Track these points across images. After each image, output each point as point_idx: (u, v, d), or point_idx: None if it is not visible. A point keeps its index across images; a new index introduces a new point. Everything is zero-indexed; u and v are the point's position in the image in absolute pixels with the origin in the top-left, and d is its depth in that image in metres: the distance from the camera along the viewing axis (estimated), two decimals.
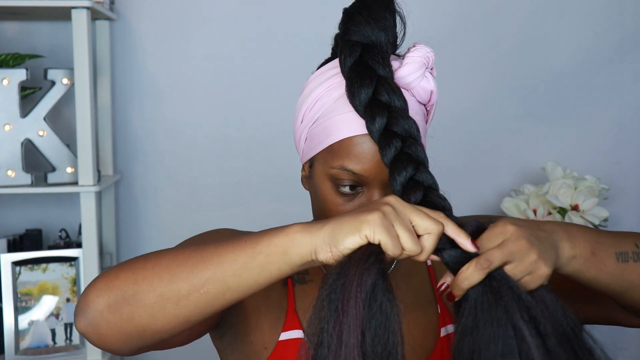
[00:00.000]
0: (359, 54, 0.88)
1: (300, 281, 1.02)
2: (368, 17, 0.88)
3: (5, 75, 1.69)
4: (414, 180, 0.82)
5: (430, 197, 0.81)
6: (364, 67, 0.87)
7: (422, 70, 0.89)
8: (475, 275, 0.75)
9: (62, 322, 1.76)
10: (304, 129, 0.94)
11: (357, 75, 0.87)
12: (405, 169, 0.82)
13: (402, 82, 0.89)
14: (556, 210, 1.83)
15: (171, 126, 1.99)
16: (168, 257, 0.80)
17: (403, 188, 0.82)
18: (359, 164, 0.87)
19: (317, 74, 0.94)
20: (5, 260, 1.73)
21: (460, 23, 1.99)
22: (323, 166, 0.91)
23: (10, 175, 1.71)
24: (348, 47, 0.88)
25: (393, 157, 0.83)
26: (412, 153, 0.83)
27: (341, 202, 0.90)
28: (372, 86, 0.86)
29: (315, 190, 0.94)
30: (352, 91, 0.87)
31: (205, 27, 1.97)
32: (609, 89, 2.07)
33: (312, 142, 0.93)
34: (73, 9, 1.65)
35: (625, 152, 2.09)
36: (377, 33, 0.88)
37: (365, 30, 0.88)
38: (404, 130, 0.84)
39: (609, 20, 2.05)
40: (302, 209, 1.38)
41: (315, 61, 2.22)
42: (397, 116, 0.84)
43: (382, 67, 0.86)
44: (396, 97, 0.85)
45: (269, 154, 2.01)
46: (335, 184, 0.90)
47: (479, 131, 2.04)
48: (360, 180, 0.88)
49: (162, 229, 2.01)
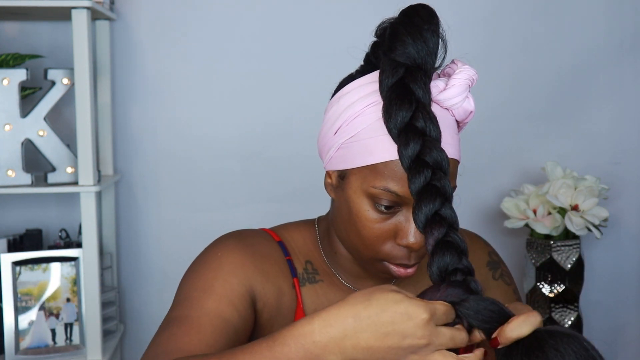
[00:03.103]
0: (402, 75, 0.86)
1: (310, 280, 1.02)
2: (415, 38, 0.86)
3: (5, 75, 1.69)
4: (439, 215, 0.82)
5: (452, 237, 0.81)
6: (405, 89, 0.85)
7: (466, 93, 0.89)
8: (526, 327, 0.76)
9: (62, 322, 1.76)
10: (337, 140, 0.93)
11: (397, 97, 0.85)
12: (433, 201, 0.82)
13: (445, 103, 0.89)
14: (556, 210, 1.84)
15: (171, 126, 1.99)
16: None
17: (427, 220, 0.82)
18: (403, 187, 0.87)
19: (357, 87, 0.92)
20: (5, 260, 1.73)
21: (459, 24, 1.99)
22: (362, 183, 0.90)
23: (10, 175, 1.71)
24: (391, 67, 0.87)
25: (421, 187, 0.83)
26: (440, 187, 0.83)
27: (376, 219, 0.91)
28: (411, 111, 0.84)
29: (348, 203, 0.93)
30: (389, 112, 0.85)
31: (205, 27, 1.97)
32: (609, 89, 2.07)
33: (348, 155, 0.92)
34: (73, 9, 1.65)
35: (625, 152, 2.09)
36: (422, 56, 0.86)
37: (411, 52, 0.86)
38: (435, 162, 0.83)
39: (609, 20, 2.05)
40: (302, 209, 1.38)
41: (316, 61, 2.23)
42: (430, 146, 0.83)
43: (422, 92, 0.85)
44: (432, 126, 0.84)
45: (269, 154, 2.01)
46: (373, 201, 0.90)
47: (478, 131, 2.03)
48: (401, 201, 0.89)
49: (162, 229, 2.01)
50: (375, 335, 0.74)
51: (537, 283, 1.88)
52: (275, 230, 1.06)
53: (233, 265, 0.96)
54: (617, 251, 2.11)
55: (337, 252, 1.02)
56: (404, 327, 0.73)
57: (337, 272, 1.03)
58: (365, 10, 1.96)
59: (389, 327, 0.73)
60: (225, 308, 0.92)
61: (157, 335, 0.91)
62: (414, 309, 0.74)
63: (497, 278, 1.09)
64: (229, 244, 1.00)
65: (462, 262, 0.81)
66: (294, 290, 1.00)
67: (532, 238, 1.90)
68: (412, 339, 0.74)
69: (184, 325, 0.90)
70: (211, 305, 0.92)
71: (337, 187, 0.96)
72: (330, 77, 1.00)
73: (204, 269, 0.97)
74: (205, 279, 0.95)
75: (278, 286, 0.99)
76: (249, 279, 0.97)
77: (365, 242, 0.93)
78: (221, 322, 0.90)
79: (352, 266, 1.02)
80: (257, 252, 1.00)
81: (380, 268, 0.95)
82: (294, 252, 1.04)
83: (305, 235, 1.06)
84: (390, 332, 0.74)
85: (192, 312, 0.91)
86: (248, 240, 1.01)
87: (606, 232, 2.04)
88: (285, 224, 1.08)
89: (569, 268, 1.86)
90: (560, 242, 1.85)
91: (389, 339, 0.74)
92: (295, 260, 1.03)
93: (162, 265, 2.01)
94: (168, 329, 0.90)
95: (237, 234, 1.03)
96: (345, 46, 1.93)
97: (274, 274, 1.00)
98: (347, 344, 0.74)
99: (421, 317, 0.74)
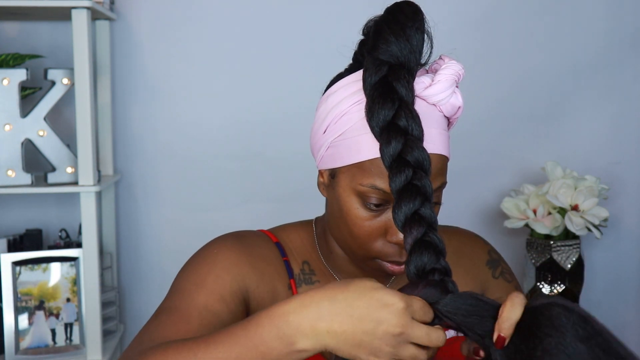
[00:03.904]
0: (385, 73, 0.86)
1: (307, 281, 1.02)
2: (398, 36, 0.86)
3: (5, 75, 1.69)
4: (418, 214, 0.82)
5: (430, 237, 0.81)
6: (387, 87, 0.85)
7: (453, 89, 0.89)
8: (517, 310, 0.75)
9: (62, 322, 1.76)
10: (326, 139, 0.93)
11: (379, 96, 0.85)
12: (413, 201, 0.82)
13: (431, 99, 0.89)
14: (556, 210, 1.84)
15: (171, 126, 1.99)
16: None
17: (406, 219, 0.82)
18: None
19: (343, 85, 0.93)
20: (5, 260, 1.73)
21: (458, 24, 1.99)
22: (350, 181, 0.91)
23: (10, 175, 1.71)
24: (374, 65, 0.86)
25: (402, 186, 0.83)
26: (420, 186, 0.82)
27: (366, 217, 0.91)
28: (393, 109, 0.84)
29: (338, 202, 0.94)
30: (372, 111, 0.85)
31: (205, 27, 1.97)
32: (608, 88, 2.07)
33: (336, 154, 0.92)
34: (73, 9, 1.65)
35: (625, 152, 2.09)
36: (406, 54, 0.86)
37: (394, 50, 0.86)
38: (416, 161, 0.83)
39: (609, 20, 2.05)
40: (301, 209, 1.38)
41: (316, 61, 2.23)
42: (412, 145, 0.83)
43: (405, 90, 0.85)
44: (415, 125, 0.84)
45: (268, 154, 2.01)
46: (362, 199, 0.90)
47: (478, 131, 2.03)
48: (389, 199, 0.89)
49: (162, 228, 2.01)
50: (350, 320, 0.74)
51: (537, 283, 1.88)
52: (273, 232, 1.07)
53: (228, 262, 0.97)
54: (617, 251, 2.11)
55: (333, 251, 1.03)
56: (379, 314, 0.74)
57: (334, 273, 1.04)
58: (366, 9, 1.96)
59: (364, 310, 0.74)
60: (215, 303, 0.93)
61: (147, 323, 0.93)
62: (390, 297, 0.74)
63: (497, 276, 1.09)
64: (227, 243, 1.01)
65: (440, 262, 0.81)
66: (290, 292, 1.00)
67: (532, 238, 1.90)
68: (386, 325, 0.73)
69: (173, 316, 0.91)
70: (201, 299, 0.93)
71: (328, 186, 0.97)
72: (331, 77, 1.00)
73: (199, 263, 0.98)
74: (199, 273, 0.96)
75: (273, 287, 1.00)
76: (243, 277, 0.97)
77: (356, 240, 0.93)
78: (210, 316, 0.91)
79: (348, 266, 1.02)
80: (253, 252, 1.00)
81: (374, 266, 0.95)
82: (291, 253, 1.04)
83: (302, 236, 1.06)
84: (365, 316, 0.74)
85: (182, 303, 0.93)
86: (245, 240, 1.02)
87: (606, 232, 2.04)
88: (283, 225, 1.09)
89: (569, 268, 1.86)
90: (560, 242, 1.85)
91: (364, 324, 0.73)
92: (292, 261, 1.03)
93: (162, 265, 2.01)
94: (158, 318, 0.93)
95: (236, 234, 1.03)
96: (347, 47, 1.93)
97: (269, 275, 1.00)
98: (321, 327, 0.74)
99: (397, 305, 0.74)
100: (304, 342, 0.74)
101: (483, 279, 1.08)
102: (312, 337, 0.74)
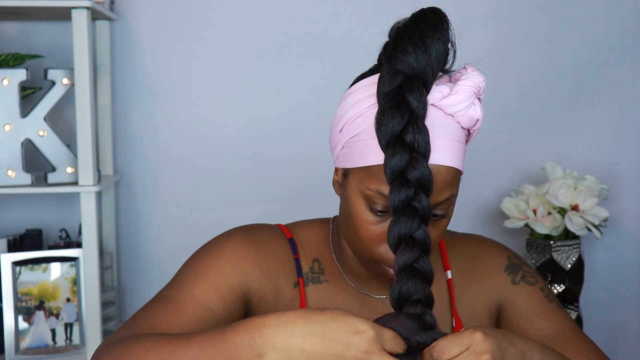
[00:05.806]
0: (399, 83, 0.85)
1: (314, 281, 1.02)
2: (416, 46, 0.85)
3: (5, 75, 1.69)
4: (413, 238, 0.82)
5: (421, 264, 0.81)
6: (400, 98, 0.84)
7: (471, 100, 0.89)
8: (453, 348, 0.77)
9: (62, 322, 1.76)
10: (342, 138, 0.93)
11: (390, 107, 0.84)
12: (411, 222, 0.82)
13: (448, 110, 0.88)
14: (556, 210, 1.84)
15: (171, 126, 1.99)
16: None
17: (400, 241, 0.82)
18: None
19: (362, 86, 0.92)
20: (5, 260, 1.73)
21: (457, 25, 1.99)
22: (358, 183, 0.91)
23: (10, 175, 1.71)
24: (389, 74, 0.85)
25: (400, 205, 0.82)
26: (419, 208, 0.82)
27: (372, 221, 0.91)
28: (402, 123, 0.83)
29: (347, 202, 0.94)
30: (381, 121, 0.84)
31: (205, 27, 1.97)
32: (609, 88, 2.06)
33: (349, 154, 0.92)
34: (73, 9, 1.65)
35: (625, 152, 2.08)
36: (422, 65, 0.85)
37: (411, 60, 0.85)
38: (417, 180, 0.82)
39: (609, 20, 2.04)
40: (303, 209, 1.38)
41: (316, 61, 2.23)
42: (415, 163, 0.82)
43: (417, 103, 0.84)
44: (422, 140, 0.83)
45: (269, 154, 2.01)
46: (369, 203, 0.90)
47: (479, 131, 2.03)
48: None
49: (162, 229, 2.01)
50: (322, 341, 0.75)
51: None
52: (289, 227, 1.07)
53: (233, 257, 0.98)
54: (617, 251, 2.11)
55: (344, 251, 1.03)
56: (350, 338, 0.75)
57: (344, 272, 1.04)
58: (363, 11, 1.96)
59: (336, 333, 0.75)
60: (212, 297, 0.94)
61: (142, 308, 0.94)
62: (362, 325, 0.76)
63: (517, 282, 1.07)
64: (236, 236, 1.01)
65: (425, 291, 0.81)
66: (297, 290, 1.00)
67: (532, 238, 1.90)
68: (355, 350, 0.75)
69: (166, 305, 0.92)
70: (198, 292, 0.94)
71: (341, 184, 0.97)
72: (332, 78, 1.01)
73: (205, 255, 0.99)
74: (201, 265, 0.97)
75: (277, 284, 1.00)
76: (246, 273, 0.98)
77: (362, 242, 0.93)
78: (203, 310, 0.92)
79: (357, 266, 1.02)
80: (261, 248, 1.00)
81: (377, 269, 0.95)
82: (303, 250, 1.04)
83: (318, 233, 1.06)
84: (336, 339, 0.75)
85: (178, 293, 0.94)
86: (257, 234, 1.02)
87: (606, 232, 2.04)
88: (302, 221, 1.09)
89: (569, 268, 1.86)
90: (560, 242, 1.85)
91: (334, 346, 0.75)
92: (302, 258, 1.03)
93: (162, 265, 2.01)
94: (152, 304, 0.93)
95: (249, 228, 1.04)
96: (347, 46, 1.93)
97: (275, 272, 1.00)
98: (293, 343, 0.75)
99: (368, 332, 0.76)
100: (273, 355, 0.76)
101: (500, 287, 1.07)
102: (282, 352, 0.76)
